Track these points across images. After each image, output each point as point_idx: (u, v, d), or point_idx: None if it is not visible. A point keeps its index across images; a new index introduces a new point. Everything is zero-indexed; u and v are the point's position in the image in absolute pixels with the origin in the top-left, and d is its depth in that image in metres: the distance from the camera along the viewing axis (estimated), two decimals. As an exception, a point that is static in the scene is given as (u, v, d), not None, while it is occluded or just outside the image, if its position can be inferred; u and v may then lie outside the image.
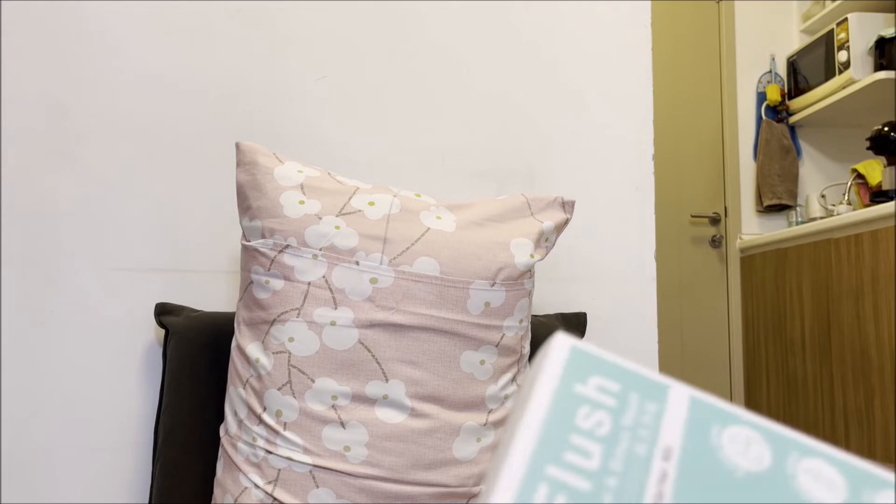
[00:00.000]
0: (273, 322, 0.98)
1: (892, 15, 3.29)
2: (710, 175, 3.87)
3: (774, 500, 0.25)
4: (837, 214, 3.20)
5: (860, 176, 3.41)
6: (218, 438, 1.12)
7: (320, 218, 0.99)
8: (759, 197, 3.70)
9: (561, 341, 0.28)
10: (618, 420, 0.26)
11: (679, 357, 3.77)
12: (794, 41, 3.81)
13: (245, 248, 1.02)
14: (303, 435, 0.95)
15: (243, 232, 1.04)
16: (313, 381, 0.95)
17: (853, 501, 0.25)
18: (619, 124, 1.41)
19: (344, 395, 0.95)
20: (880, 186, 3.20)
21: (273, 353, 0.97)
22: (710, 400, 0.28)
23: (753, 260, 3.58)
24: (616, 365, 0.28)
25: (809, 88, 3.56)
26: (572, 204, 1.11)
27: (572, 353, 0.28)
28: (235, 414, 1.01)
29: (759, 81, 3.78)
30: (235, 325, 1.04)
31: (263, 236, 1.00)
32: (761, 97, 3.77)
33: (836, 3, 3.46)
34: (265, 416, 0.96)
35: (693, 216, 3.84)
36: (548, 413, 0.26)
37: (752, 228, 3.72)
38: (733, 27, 3.79)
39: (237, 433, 0.99)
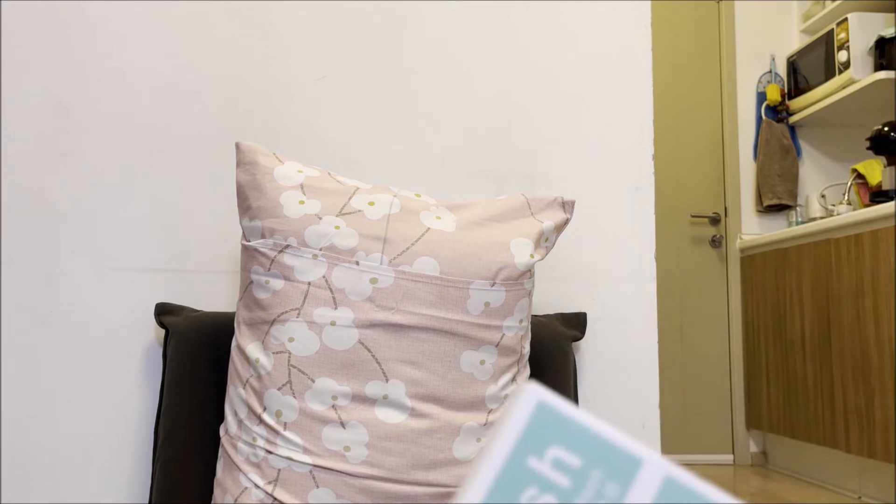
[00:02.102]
0: (273, 322, 0.98)
1: (892, 15, 3.30)
2: (710, 175, 3.87)
3: None
4: (837, 214, 3.20)
5: (860, 176, 3.41)
6: (218, 438, 1.12)
7: (320, 218, 0.99)
8: (759, 197, 3.70)
9: (529, 395, 0.25)
10: (571, 499, 0.23)
11: (679, 357, 3.77)
12: (794, 41, 3.81)
13: (245, 248, 1.02)
14: (303, 435, 0.95)
15: (243, 232, 1.04)
16: (313, 381, 0.95)
17: None
18: (619, 124, 1.41)
19: (344, 395, 0.95)
20: (880, 186, 3.20)
21: (273, 353, 0.97)
22: (687, 481, 0.24)
23: (753, 260, 3.58)
24: (585, 431, 0.24)
25: (809, 88, 3.56)
26: (572, 204, 1.11)
27: (538, 411, 0.24)
28: (235, 414, 1.01)
29: (759, 81, 3.78)
30: (235, 325, 1.04)
31: (263, 236, 1.00)
32: (761, 97, 3.77)
33: (836, 3, 3.46)
34: (265, 416, 0.96)
35: (693, 216, 3.84)
36: (489, 492, 0.23)
37: (752, 228, 3.72)
38: (733, 27, 3.80)
39: (237, 433, 0.99)
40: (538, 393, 0.25)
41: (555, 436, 0.24)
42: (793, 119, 3.72)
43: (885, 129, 3.08)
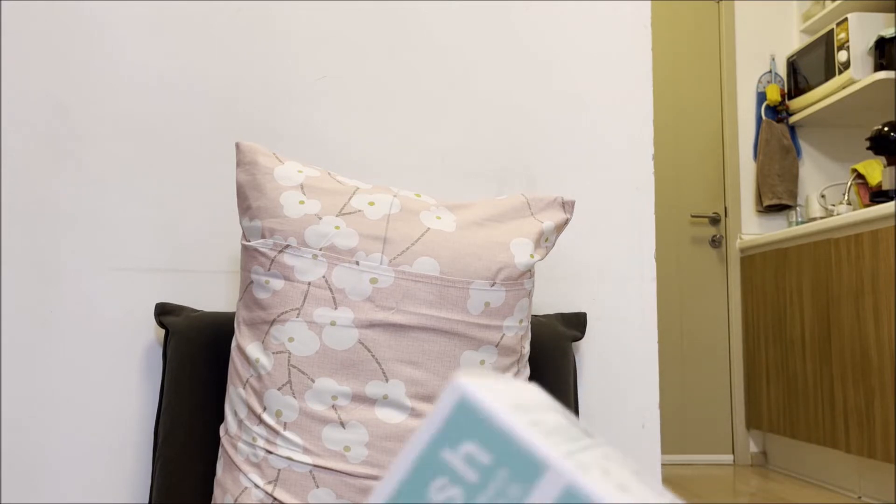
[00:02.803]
0: (273, 322, 0.98)
1: (892, 15, 3.30)
2: (710, 175, 3.87)
3: None
4: (837, 214, 3.20)
5: (860, 176, 3.41)
6: (218, 438, 1.12)
7: (320, 218, 0.99)
8: (759, 197, 3.70)
9: (454, 389, 0.25)
10: (471, 500, 0.24)
11: (679, 357, 3.77)
12: (794, 41, 3.81)
13: (245, 248, 1.02)
14: (303, 435, 0.95)
15: (243, 232, 1.04)
16: (313, 381, 0.95)
17: None
18: (619, 124, 1.41)
19: (344, 395, 0.95)
20: (880, 186, 3.20)
21: (273, 353, 0.97)
22: (588, 493, 0.24)
23: (753, 260, 3.58)
24: (499, 430, 0.24)
25: (809, 88, 3.56)
26: (572, 204, 1.11)
27: (459, 405, 0.25)
28: (235, 414, 1.01)
29: (759, 81, 3.78)
30: (235, 325, 1.04)
31: (263, 236, 1.00)
32: (761, 97, 3.77)
33: (836, 3, 3.46)
34: (265, 416, 0.96)
35: (693, 216, 3.84)
36: (405, 477, 0.24)
37: (752, 228, 3.72)
38: (733, 27, 3.79)
39: (237, 433, 0.99)
40: (463, 388, 0.25)
41: (471, 431, 0.24)
42: (793, 119, 3.72)
43: (885, 129, 3.08)
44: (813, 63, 3.53)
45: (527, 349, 1.09)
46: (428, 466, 0.25)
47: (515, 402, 0.26)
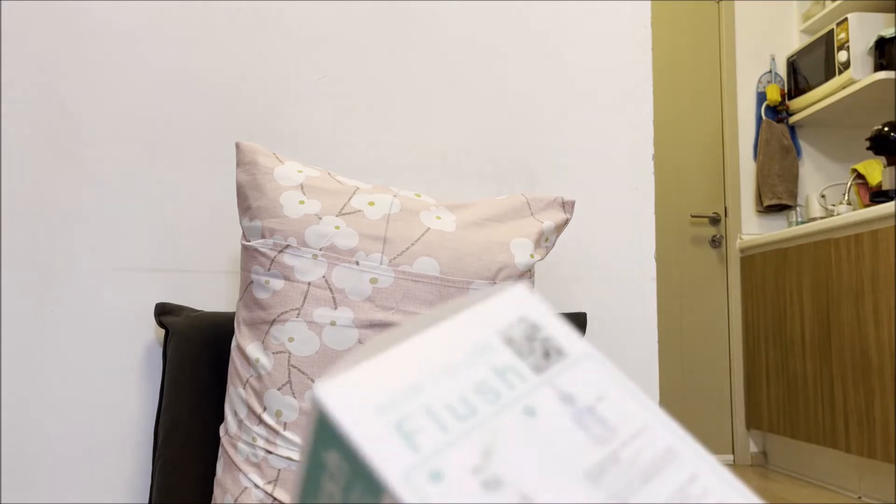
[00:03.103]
0: (273, 322, 0.98)
1: (892, 15, 3.30)
2: (710, 175, 3.87)
3: None
4: (837, 214, 3.20)
5: (860, 176, 3.41)
6: (218, 438, 1.12)
7: (320, 218, 0.99)
8: (759, 197, 3.70)
9: (315, 399, 0.26)
10: (346, 500, 0.25)
11: (679, 357, 3.77)
12: (794, 41, 3.81)
13: (245, 248, 1.02)
14: (303, 435, 0.95)
15: (243, 232, 1.04)
16: (313, 381, 0.95)
17: None
18: (618, 124, 1.41)
19: (344, 395, 0.95)
20: (880, 186, 3.20)
21: (273, 353, 0.97)
22: None
23: (753, 260, 3.58)
24: (350, 447, 0.25)
25: (809, 88, 3.56)
26: (572, 204, 1.11)
27: (320, 415, 0.26)
28: (235, 414, 1.01)
29: (759, 81, 3.78)
30: (235, 325, 1.04)
31: (263, 236, 1.00)
32: (761, 97, 3.77)
33: (836, 3, 3.46)
34: (265, 416, 0.96)
35: (693, 216, 3.84)
36: (306, 472, 0.27)
37: (752, 228, 3.72)
38: (733, 27, 3.79)
39: (237, 433, 0.99)
40: (319, 398, 0.25)
41: (332, 441, 0.26)
42: (793, 119, 3.72)
43: (885, 129, 3.08)
44: (813, 63, 3.53)
45: (527, 349, 1.08)
46: (316, 465, 0.26)
47: (395, 391, 0.26)
